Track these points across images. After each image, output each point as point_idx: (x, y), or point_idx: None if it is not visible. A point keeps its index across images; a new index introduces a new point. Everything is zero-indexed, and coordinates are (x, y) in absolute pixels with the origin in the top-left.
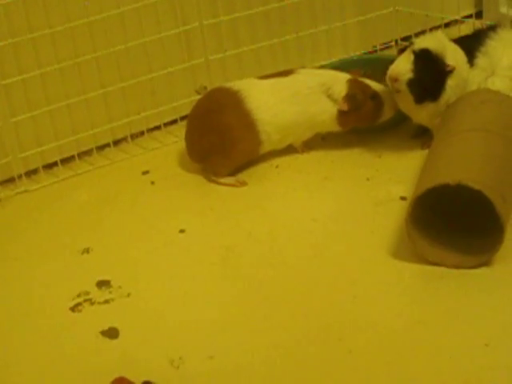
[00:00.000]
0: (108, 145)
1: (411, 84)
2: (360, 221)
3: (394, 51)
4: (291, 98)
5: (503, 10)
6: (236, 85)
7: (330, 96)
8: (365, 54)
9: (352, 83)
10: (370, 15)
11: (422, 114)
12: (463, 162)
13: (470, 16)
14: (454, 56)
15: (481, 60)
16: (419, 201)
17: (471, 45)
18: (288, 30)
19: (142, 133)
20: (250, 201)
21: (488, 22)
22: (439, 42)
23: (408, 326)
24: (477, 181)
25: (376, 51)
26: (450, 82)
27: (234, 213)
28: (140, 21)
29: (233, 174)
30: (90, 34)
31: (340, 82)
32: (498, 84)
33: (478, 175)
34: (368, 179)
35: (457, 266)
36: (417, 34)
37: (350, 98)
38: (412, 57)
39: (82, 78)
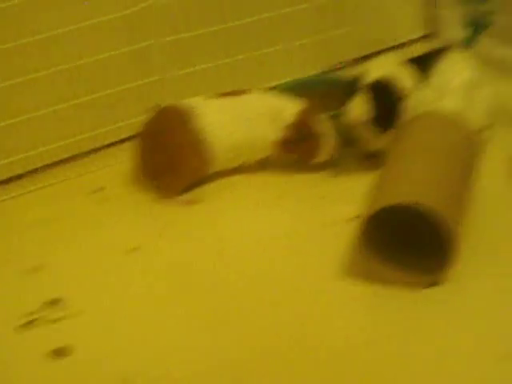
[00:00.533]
0: (61, 162)
1: (374, 122)
2: (313, 240)
3: (348, 71)
4: (242, 118)
5: (453, 32)
6: (187, 103)
7: (276, 120)
8: (320, 73)
9: (302, 115)
10: (323, 36)
11: (383, 142)
12: (415, 182)
13: (422, 37)
14: (406, 78)
15: (433, 80)
16: (371, 220)
17: (423, 65)
18: (244, 49)
19: (96, 150)
20: (203, 219)
21: (439, 44)
22: (390, 67)
23: (359, 346)
24: (428, 201)
25: (331, 71)
26: (408, 103)
27: (187, 231)
28: (95, 38)
29: (185, 191)
30: (44, 51)
31: (290, 109)
32: (448, 104)
33: (430, 195)
34: (321, 198)
35: (408, 286)
36: (370, 55)
37: (293, 128)
38: (365, 96)
39: (34, 95)
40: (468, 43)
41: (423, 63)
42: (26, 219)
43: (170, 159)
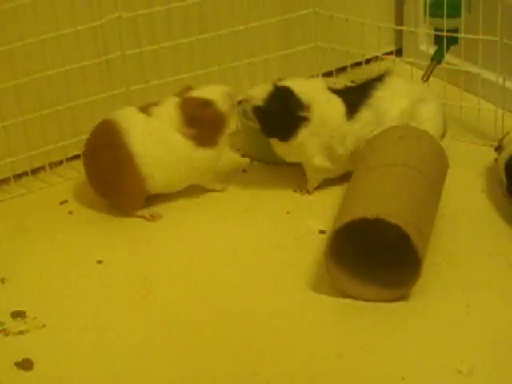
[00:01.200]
0: (26, 173)
1: (255, 111)
2: (279, 253)
3: None
4: (160, 138)
5: (423, 47)
6: (118, 116)
7: (177, 128)
8: None
9: (182, 104)
10: (291, 50)
11: (281, 151)
12: (381, 197)
13: (390, 53)
14: (323, 106)
15: (364, 113)
16: (338, 234)
17: (355, 97)
18: (210, 63)
19: (61, 162)
20: (170, 232)
21: (409, 59)
22: (311, 88)
23: (325, 359)
24: (394, 215)
25: None
26: (305, 131)
27: (153, 244)
28: (61, 49)
29: (145, 206)
30: (10, 61)
31: (171, 108)
32: None
33: (396, 210)
34: (288, 212)
35: (375, 300)
36: (338, 70)
37: (188, 119)
38: (271, 88)
39: (0, 106)
40: (435, 59)
41: (355, 95)
42: None
43: (107, 177)
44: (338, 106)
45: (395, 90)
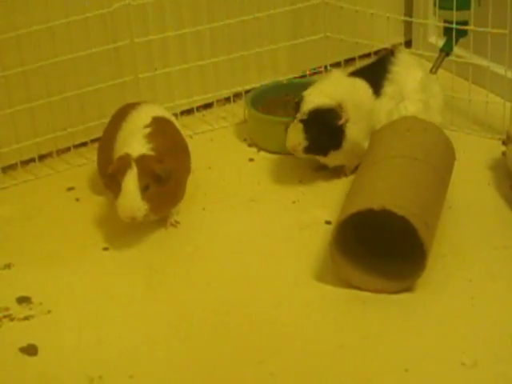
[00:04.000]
0: (33, 160)
1: (309, 150)
2: (285, 243)
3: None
4: None
5: (432, 39)
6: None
7: None
8: (295, 78)
9: (118, 165)
10: (300, 40)
11: (333, 160)
12: (388, 188)
13: (399, 45)
14: (353, 95)
15: (388, 88)
16: (344, 225)
17: (377, 73)
18: (219, 52)
19: (69, 148)
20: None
21: (418, 51)
22: (331, 91)
23: (329, 350)
24: (401, 206)
25: (305, 76)
26: (349, 129)
27: (158, 232)
28: (70, 36)
29: None
30: (18, 48)
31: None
32: (410, 108)
33: (402, 201)
34: (294, 202)
35: (379, 291)
36: (346, 61)
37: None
38: (300, 126)
39: (8, 92)
40: (444, 51)
41: (377, 71)
42: None
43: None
44: (364, 88)
45: (409, 63)
